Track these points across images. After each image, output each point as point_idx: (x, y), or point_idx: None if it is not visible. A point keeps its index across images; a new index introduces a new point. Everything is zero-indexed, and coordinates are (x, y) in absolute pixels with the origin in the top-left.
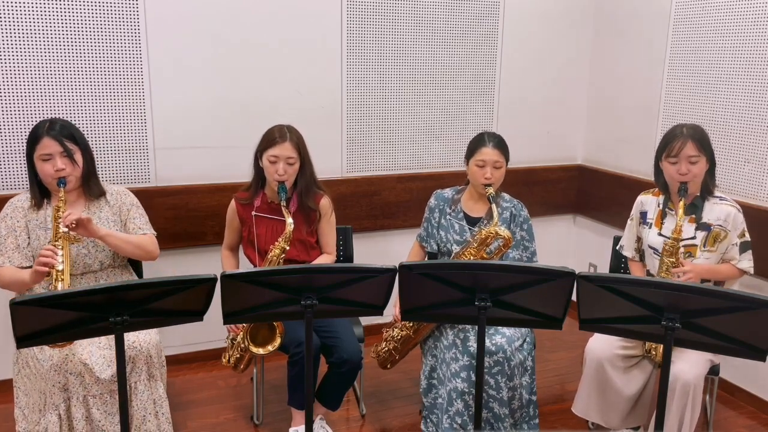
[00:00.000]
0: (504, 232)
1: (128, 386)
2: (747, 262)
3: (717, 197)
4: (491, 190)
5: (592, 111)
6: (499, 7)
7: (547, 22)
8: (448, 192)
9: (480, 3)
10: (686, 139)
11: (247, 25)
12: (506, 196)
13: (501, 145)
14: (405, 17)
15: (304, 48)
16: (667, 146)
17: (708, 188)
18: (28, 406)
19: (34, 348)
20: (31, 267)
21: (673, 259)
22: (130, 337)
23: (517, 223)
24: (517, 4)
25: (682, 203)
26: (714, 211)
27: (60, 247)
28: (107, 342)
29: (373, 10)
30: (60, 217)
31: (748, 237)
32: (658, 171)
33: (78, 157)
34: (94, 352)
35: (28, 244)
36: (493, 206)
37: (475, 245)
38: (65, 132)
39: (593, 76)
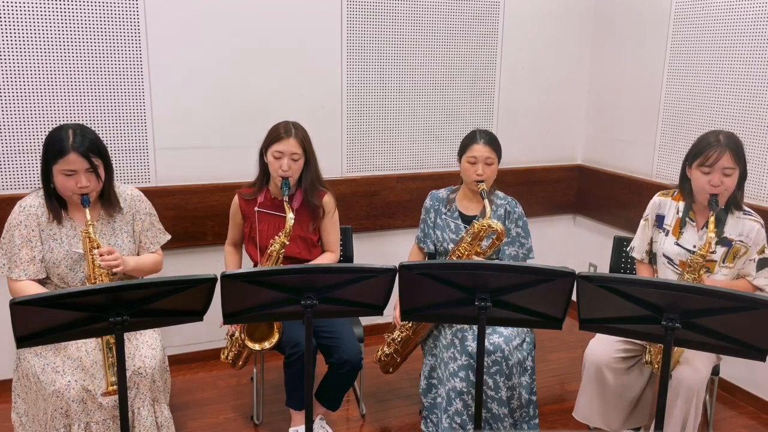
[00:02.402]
0: (496, 225)
1: (131, 411)
2: (764, 279)
3: (742, 211)
4: (483, 186)
5: (592, 111)
6: (499, 8)
7: (548, 22)
8: (442, 192)
9: (480, 3)
10: (723, 149)
11: (246, 26)
12: (500, 193)
13: (492, 142)
14: (405, 17)
15: (304, 48)
16: (701, 154)
17: (736, 201)
18: (27, 415)
19: (36, 368)
20: (45, 280)
21: (695, 276)
22: (136, 362)
23: (512, 219)
24: (517, 4)
25: (713, 219)
26: (737, 226)
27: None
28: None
29: (373, 10)
30: (93, 248)
31: (767, 254)
32: (684, 177)
33: (101, 171)
34: (97, 374)
35: (42, 257)
36: (486, 201)
37: (469, 239)
38: (91, 145)
39: (593, 76)
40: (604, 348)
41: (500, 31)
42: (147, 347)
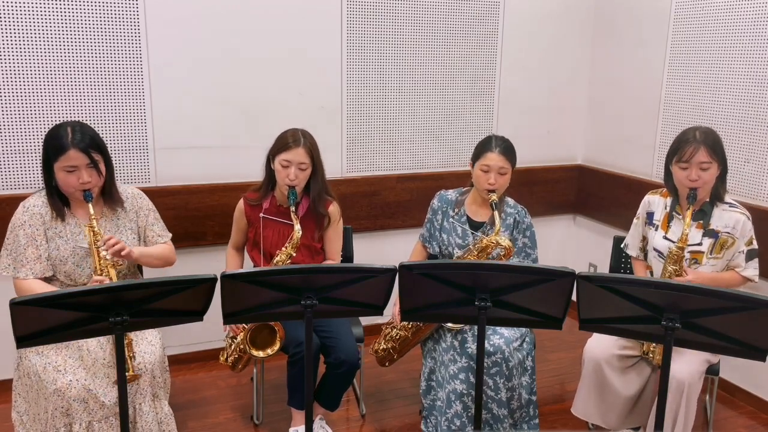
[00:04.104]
0: (504, 241)
1: (132, 408)
2: (752, 270)
3: (727, 203)
4: (494, 197)
5: (592, 111)
6: (499, 8)
7: (548, 22)
8: (451, 194)
9: (480, 3)
10: (699, 144)
11: (246, 25)
12: (510, 201)
13: (508, 151)
14: (405, 17)
15: (304, 48)
16: (679, 150)
17: (718, 194)
18: (27, 414)
19: (38, 366)
20: (51, 278)
21: (677, 267)
22: (136, 358)
23: (520, 229)
24: (517, 4)
25: (690, 212)
26: (723, 218)
27: (109, 277)
28: (111, 359)
29: (373, 10)
30: (98, 241)
31: (755, 245)
32: (667, 173)
33: (102, 167)
34: (98, 372)
35: (48, 255)
36: (496, 214)
37: (476, 253)
38: (90, 141)
39: (593, 76)
40: (604, 345)
41: (500, 31)
42: (146, 343)
